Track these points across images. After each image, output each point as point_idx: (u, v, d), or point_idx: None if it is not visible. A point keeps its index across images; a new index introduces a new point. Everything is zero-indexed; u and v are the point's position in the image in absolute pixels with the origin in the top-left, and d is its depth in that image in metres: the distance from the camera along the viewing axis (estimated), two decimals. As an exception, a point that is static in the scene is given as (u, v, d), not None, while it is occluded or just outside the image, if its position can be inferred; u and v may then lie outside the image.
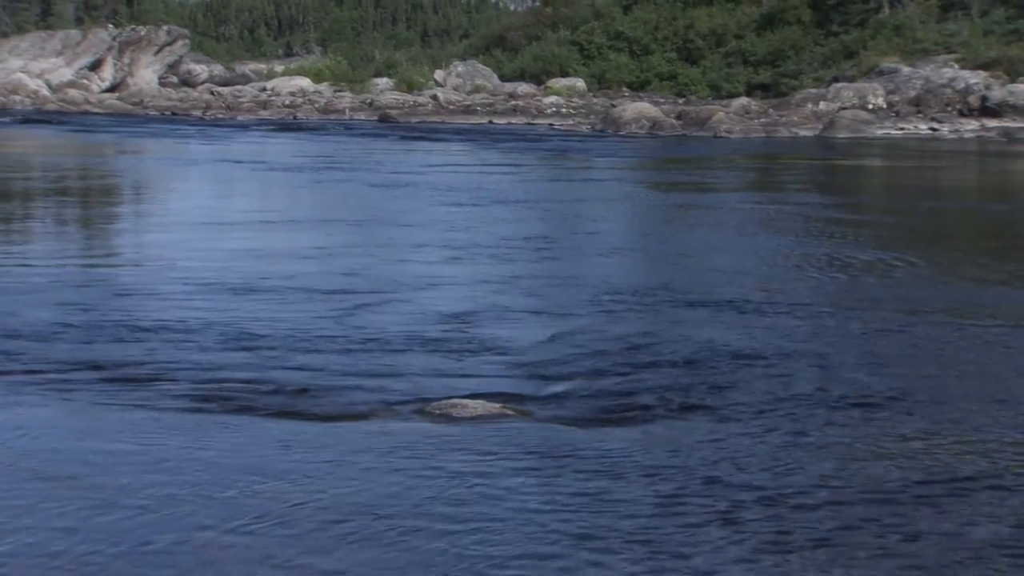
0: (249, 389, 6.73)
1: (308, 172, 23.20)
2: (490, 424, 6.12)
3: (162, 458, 5.52)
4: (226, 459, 5.54)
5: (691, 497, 5.17)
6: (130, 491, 5.08)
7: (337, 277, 11.05)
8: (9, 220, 15.73)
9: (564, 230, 16.07)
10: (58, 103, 51.16)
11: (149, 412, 6.24)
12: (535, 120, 49.15)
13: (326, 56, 79.43)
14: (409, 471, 5.39)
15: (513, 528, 4.76)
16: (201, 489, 5.11)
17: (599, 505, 5.05)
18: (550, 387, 7.05)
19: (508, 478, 5.33)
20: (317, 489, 5.15)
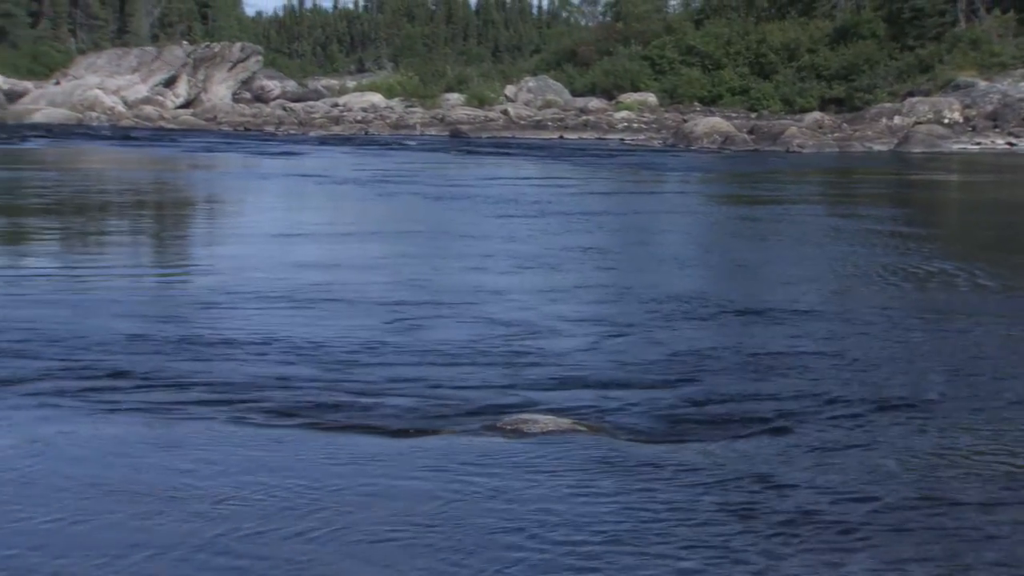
0: (320, 404, 6.69)
1: (378, 186, 23.25)
2: (561, 440, 6.02)
3: (240, 472, 5.50)
4: (301, 473, 5.49)
5: (765, 509, 5.09)
6: (210, 503, 5.07)
7: (405, 289, 11.03)
8: (88, 233, 15.87)
9: (633, 242, 16.00)
10: (133, 119, 51.74)
11: (225, 426, 6.22)
12: (606, 135, 49.07)
13: (397, 72, 79.82)
14: (484, 487, 5.31)
15: (594, 543, 4.68)
16: (281, 502, 5.08)
17: (675, 519, 4.96)
18: (619, 401, 6.96)
19: (582, 494, 5.24)
20: (392, 504, 5.11)
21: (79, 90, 55.11)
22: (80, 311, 9.51)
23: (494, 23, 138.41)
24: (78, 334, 8.45)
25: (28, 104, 54.00)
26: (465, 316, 9.66)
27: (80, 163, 30.73)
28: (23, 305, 9.69)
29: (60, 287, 10.92)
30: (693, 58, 61.35)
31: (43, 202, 19.73)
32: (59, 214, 17.97)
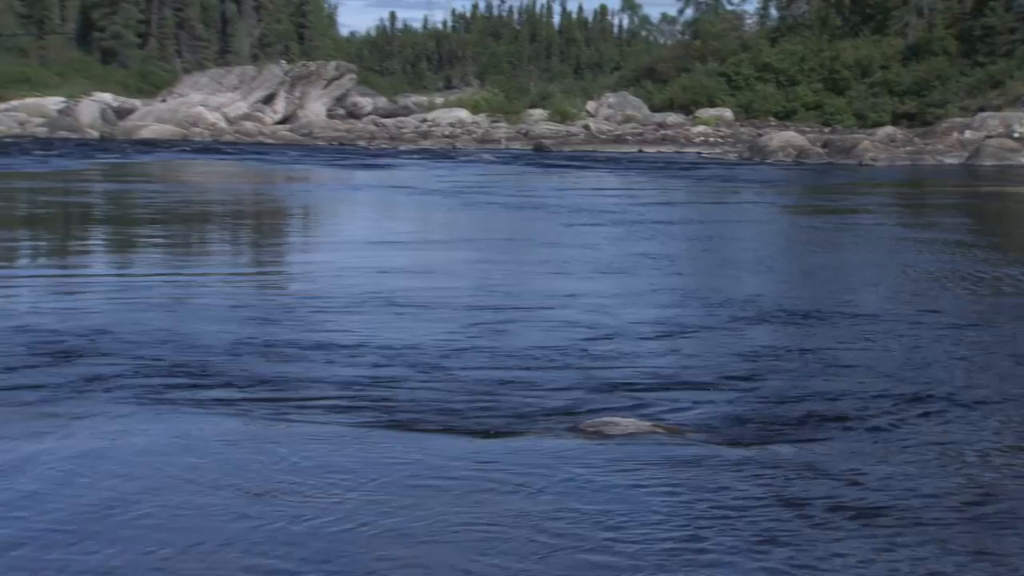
0: (410, 405, 6.72)
1: (463, 196, 23.35)
2: (642, 442, 5.99)
3: (332, 469, 5.54)
4: (392, 472, 5.51)
5: (844, 506, 5.05)
6: (306, 498, 5.12)
7: (488, 294, 11.09)
8: (192, 241, 16.10)
9: (707, 250, 15.95)
10: (234, 134, 52.28)
11: (321, 426, 6.26)
12: (683, 148, 48.88)
13: (483, 89, 79.99)
14: (569, 487, 5.30)
15: (675, 539, 4.68)
16: (371, 499, 5.11)
17: (752, 517, 4.93)
18: (695, 403, 6.94)
19: (663, 494, 5.21)
20: (480, 501, 5.12)
21: (184, 107, 55.79)
22: (185, 315, 9.65)
23: (576, 42, 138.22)
24: (184, 337, 8.57)
25: (136, 121, 54.75)
26: (545, 320, 9.69)
27: (185, 176, 31.16)
28: (135, 309, 9.85)
29: (167, 292, 11.10)
30: (768, 74, 61.00)
31: (150, 212, 20.04)
32: (165, 223, 18.24)
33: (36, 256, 14.46)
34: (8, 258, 13.98)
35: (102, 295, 10.80)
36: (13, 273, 12.75)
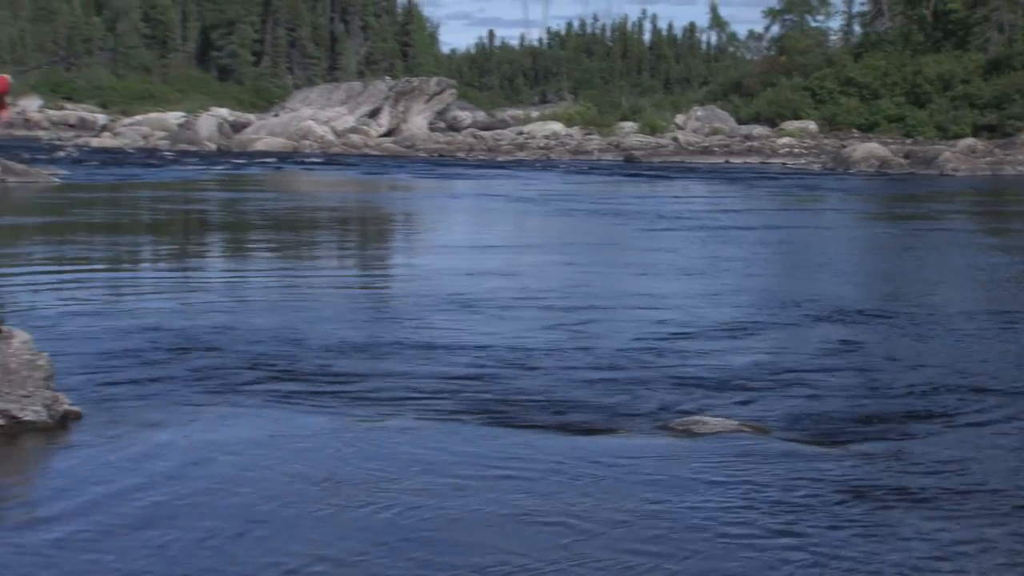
0: (503, 402, 6.75)
1: (556, 204, 23.38)
2: (728, 440, 5.94)
3: (429, 464, 5.57)
4: (489, 467, 5.52)
5: (931, 507, 4.99)
6: (412, 493, 5.14)
7: (579, 295, 11.12)
8: (302, 246, 16.31)
9: (790, 253, 15.84)
10: (341, 147, 52.75)
11: (422, 423, 6.30)
12: (769, 159, 48.47)
13: (577, 103, 79.91)
14: (662, 483, 5.26)
15: (761, 537, 4.63)
16: (471, 495, 5.11)
17: (844, 516, 4.87)
18: (779, 401, 6.90)
19: (751, 491, 5.15)
20: (575, 498, 5.10)
21: (294, 121, 56.43)
22: (295, 315, 9.79)
23: (666, 58, 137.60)
24: (295, 336, 8.71)
25: (250, 134, 55.50)
26: (630, 320, 9.70)
27: (295, 185, 31.55)
28: (249, 310, 10.02)
29: (279, 293, 11.26)
30: (852, 88, 60.34)
31: (263, 219, 20.33)
32: (277, 229, 18.50)
33: (160, 259, 14.76)
34: (135, 260, 14.29)
35: (220, 295, 11.01)
36: (140, 275, 13.03)
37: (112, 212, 21.15)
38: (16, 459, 5.57)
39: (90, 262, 13.70)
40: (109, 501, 4.82)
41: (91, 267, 13.24)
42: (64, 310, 9.59)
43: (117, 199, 23.83)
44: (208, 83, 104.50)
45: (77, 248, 15.04)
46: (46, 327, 8.45)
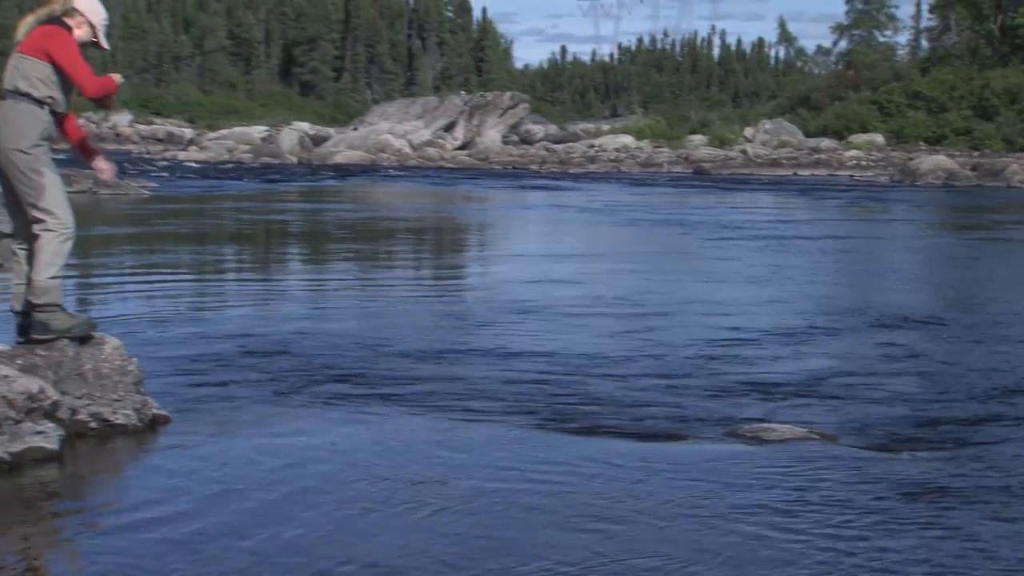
0: (574, 408, 6.73)
1: (626, 214, 23.33)
2: (798, 447, 5.87)
3: (503, 467, 5.58)
4: (561, 472, 5.49)
5: (1013, 517, 4.89)
6: (479, 494, 5.16)
7: (645, 303, 11.07)
8: (378, 254, 16.41)
9: (856, 263, 15.67)
10: (417, 159, 53.07)
11: (495, 427, 6.31)
12: (836, 172, 48.06)
13: (647, 116, 79.75)
14: (732, 488, 5.21)
15: (822, 541, 4.57)
16: (543, 498, 5.09)
17: (915, 524, 4.78)
18: (846, 409, 6.82)
19: (818, 497, 5.09)
20: (646, 502, 5.08)
21: (373, 135, 56.83)
22: (374, 324, 9.85)
23: (734, 72, 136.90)
24: (373, 344, 8.75)
25: (331, 147, 55.97)
26: (700, 327, 9.64)
27: (373, 197, 31.75)
28: (330, 319, 10.09)
29: (357, 302, 11.33)
30: (919, 102, 59.68)
31: (343, 228, 20.48)
32: (355, 239, 18.63)
33: (244, 267, 14.91)
34: (219, 269, 14.46)
35: (301, 302, 11.11)
36: (225, 282, 13.17)
37: (198, 222, 21.42)
38: (110, 461, 5.64)
39: (177, 270, 13.88)
40: (205, 503, 4.87)
41: (178, 275, 13.42)
42: (152, 317, 9.72)
43: (203, 210, 24.14)
44: (290, 98, 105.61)
45: (165, 257, 15.25)
46: (136, 333, 8.57)
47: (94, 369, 5.95)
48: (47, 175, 5.93)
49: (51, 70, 5.90)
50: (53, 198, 5.94)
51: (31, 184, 5.89)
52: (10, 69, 5.92)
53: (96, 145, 6.21)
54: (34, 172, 5.88)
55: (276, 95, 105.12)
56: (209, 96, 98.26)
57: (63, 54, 5.89)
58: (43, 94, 5.90)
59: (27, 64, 5.88)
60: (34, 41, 5.91)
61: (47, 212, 5.92)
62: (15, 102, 5.88)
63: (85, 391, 5.87)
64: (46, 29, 5.93)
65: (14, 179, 5.90)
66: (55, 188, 5.97)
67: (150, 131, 73.62)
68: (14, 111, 5.87)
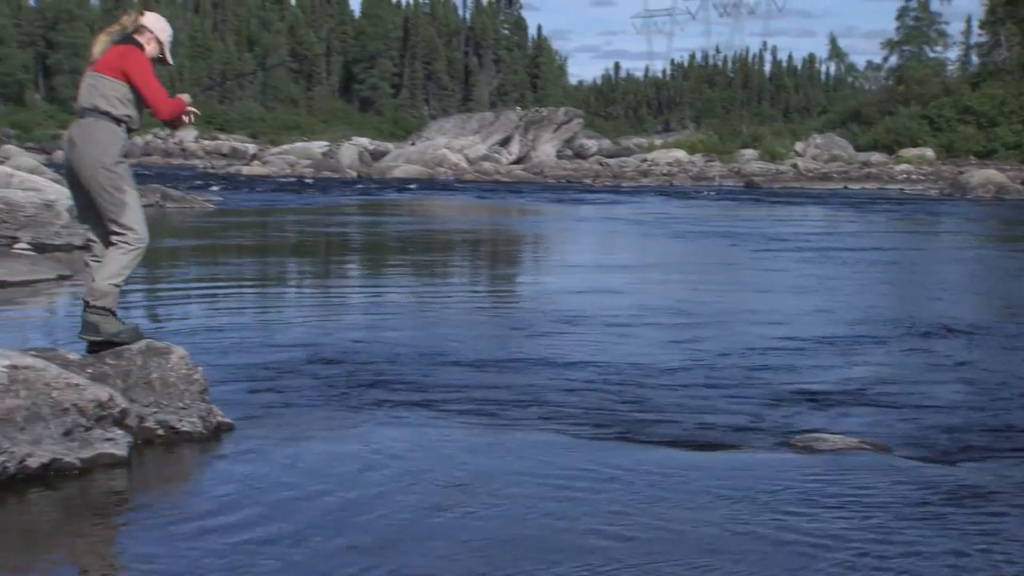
0: (627, 418, 6.71)
1: (677, 227, 23.24)
2: (851, 457, 5.80)
3: (555, 475, 5.57)
4: (611, 480, 5.49)
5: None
6: (533, 500, 5.15)
7: (695, 313, 11.02)
8: (435, 265, 16.46)
9: (905, 274, 15.52)
10: (473, 173, 53.19)
11: (543, 434, 6.30)
12: (886, 185, 47.66)
13: (699, 131, 79.50)
14: (788, 498, 5.17)
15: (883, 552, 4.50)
16: (594, 506, 5.09)
17: (971, 534, 4.72)
18: (900, 419, 6.75)
19: (871, 506, 5.04)
20: (701, 511, 5.05)
21: (430, 149, 57.06)
22: (431, 333, 9.87)
23: (785, 88, 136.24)
24: (430, 352, 8.78)
25: (389, 162, 56.25)
26: (750, 337, 9.57)
27: (431, 210, 31.86)
28: (388, 328, 10.12)
29: (415, 312, 11.37)
30: (969, 117, 59.09)
31: (400, 241, 20.57)
32: (413, 250, 18.69)
33: (305, 278, 15.01)
34: (281, 279, 14.56)
35: (360, 312, 11.16)
36: (287, 293, 13.27)
37: (261, 235, 21.60)
38: (177, 468, 5.69)
39: (241, 281, 14.00)
40: (268, 508, 4.89)
41: (242, 286, 13.53)
42: (217, 326, 9.80)
43: (265, 223, 24.33)
44: (350, 114, 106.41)
45: (229, 268, 15.38)
46: (201, 343, 8.64)
47: (161, 378, 6.01)
48: (128, 192, 6.03)
49: (128, 89, 5.97)
50: (133, 214, 6.03)
51: (113, 201, 5.97)
52: (87, 87, 6.00)
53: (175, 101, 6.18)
54: (117, 189, 5.97)
55: (336, 111, 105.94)
56: (271, 112, 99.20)
57: (138, 73, 5.97)
58: (121, 113, 5.99)
59: (105, 83, 5.96)
60: (111, 60, 5.98)
61: (127, 228, 6.01)
62: (96, 120, 5.96)
63: (152, 399, 5.93)
64: (122, 48, 6.01)
65: (97, 195, 5.98)
66: (135, 204, 6.06)
67: (215, 146, 74.43)
68: (96, 129, 5.96)
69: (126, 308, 10.46)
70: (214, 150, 73.19)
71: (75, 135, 5.99)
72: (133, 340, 6.14)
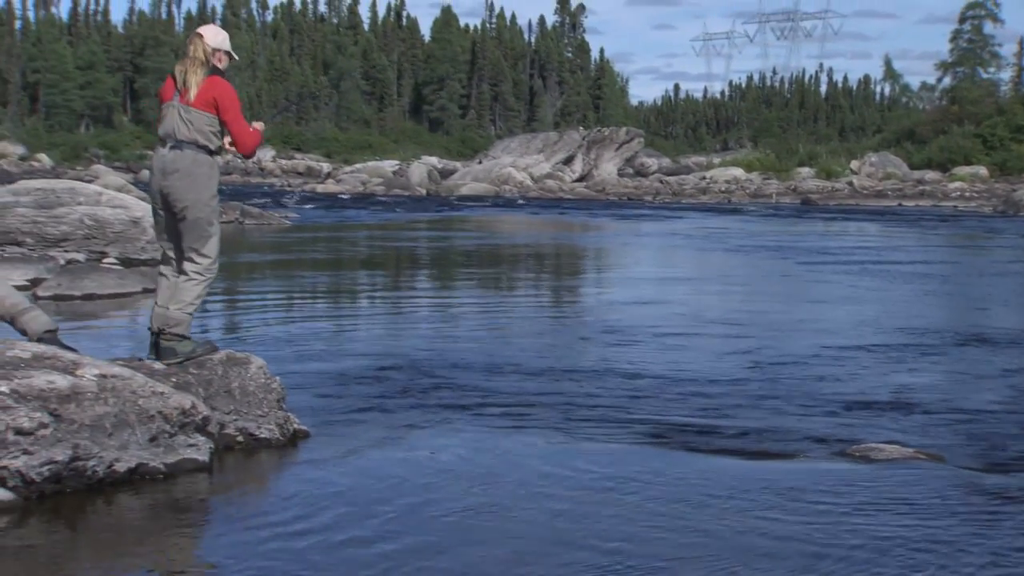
0: (685, 427, 6.67)
1: (734, 240, 23.07)
2: (906, 467, 5.73)
3: (613, 482, 5.56)
4: (677, 488, 5.46)
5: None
6: (593, 506, 5.14)
7: (751, 325, 10.93)
8: (500, 278, 16.47)
9: (957, 287, 15.29)
10: (538, 191, 53.26)
11: (607, 444, 6.29)
12: (940, 202, 47.03)
13: (756, 150, 78.96)
14: (848, 505, 5.11)
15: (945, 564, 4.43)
16: (655, 516, 5.06)
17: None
18: (954, 429, 6.65)
19: (933, 515, 4.97)
20: (767, 524, 5.00)
21: (496, 168, 57.21)
22: (496, 344, 9.88)
23: (841, 108, 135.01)
24: (496, 363, 8.79)
25: (457, 180, 56.51)
26: (805, 347, 9.48)
27: (498, 226, 31.91)
28: (455, 339, 10.14)
29: (480, 323, 11.36)
30: (1022, 135, 58.08)
31: (468, 255, 20.62)
32: (480, 264, 18.73)
33: (376, 291, 15.07)
34: (354, 292, 14.64)
35: (428, 323, 11.19)
36: (359, 305, 13.34)
37: (335, 249, 21.75)
38: (256, 473, 5.73)
39: (315, 294, 14.11)
40: (341, 513, 4.92)
41: (316, 298, 13.64)
42: (293, 337, 9.87)
43: (339, 238, 24.51)
44: (420, 134, 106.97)
45: (304, 281, 15.51)
46: (278, 353, 8.72)
47: (241, 386, 6.07)
48: (216, 226, 6.11)
49: (217, 120, 6.00)
50: (213, 246, 6.11)
51: (202, 232, 6.04)
52: (180, 120, 5.97)
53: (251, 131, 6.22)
54: (208, 223, 6.05)
55: (407, 131, 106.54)
56: (345, 132, 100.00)
57: (229, 106, 5.99)
58: (215, 146, 6.05)
59: (200, 117, 5.97)
60: (202, 93, 5.98)
61: (204, 257, 6.09)
62: (196, 153, 5.98)
63: (232, 407, 5.99)
64: (213, 81, 6.01)
65: (188, 226, 6.02)
66: (217, 238, 6.13)
67: (291, 165, 75.26)
68: (197, 163, 5.98)
69: (209, 319, 10.59)
70: (290, 169, 74.01)
71: (175, 166, 5.96)
72: (209, 354, 6.20)
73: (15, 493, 4.79)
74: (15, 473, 4.79)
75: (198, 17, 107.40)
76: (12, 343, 5.52)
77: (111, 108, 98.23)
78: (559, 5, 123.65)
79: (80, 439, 5.00)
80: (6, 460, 4.76)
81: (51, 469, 4.87)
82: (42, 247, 15.67)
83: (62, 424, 4.97)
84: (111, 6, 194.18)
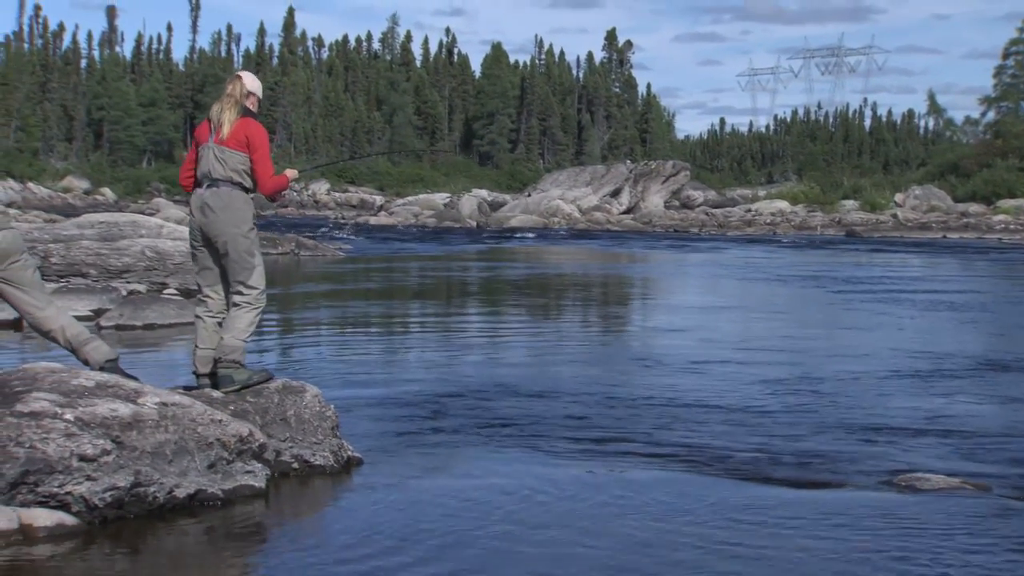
0: (732, 456, 6.62)
1: (779, 271, 22.91)
2: (952, 498, 5.66)
3: (661, 512, 5.54)
4: (717, 516, 5.43)
5: None
6: (641, 533, 5.12)
7: (797, 351, 10.82)
8: (550, 308, 16.45)
9: (1000, 317, 15.08)
10: (586, 223, 53.22)
11: (647, 471, 6.27)
12: (984, 235, 46.46)
13: (801, 182, 78.52)
14: (894, 534, 5.07)
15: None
16: (701, 542, 5.03)
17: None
18: (999, 458, 6.55)
19: (977, 545, 4.91)
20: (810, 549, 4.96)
21: (545, 200, 57.26)
22: (546, 372, 9.88)
23: (885, 141, 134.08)
24: (545, 391, 8.78)
25: (506, 212, 56.60)
26: (849, 375, 9.39)
27: (546, 257, 31.92)
28: (504, 367, 10.15)
29: (529, 353, 11.36)
30: (1068, 168, 57.43)
31: (517, 285, 20.63)
32: (529, 294, 18.73)
33: (428, 320, 15.10)
34: (406, 321, 14.69)
35: (478, 352, 11.19)
36: (411, 334, 13.37)
37: (388, 279, 21.84)
38: (311, 499, 5.74)
39: (369, 323, 14.16)
40: (394, 539, 4.92)
41: (370, 327, 13.69)
42: (347, 366, 9.92)
43: (392, 268, 24.62)
44: (470, 167, 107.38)
45: (357, 311, 15.58)
46: (332, 382, 8.75)
47: (296, 414, 6.09)
48: (257, 256, 6.22)
49: (248, 160, 6.16)
50: (258, 278, 6.21)
51: (245, 264, 6.14)
52: (216, 160, 6.13)
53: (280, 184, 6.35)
54: (249, 254, 6.15)
55: (458, 164, 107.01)
56: (397, 167, 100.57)
57: (259, 146, 6.18)
58: (249, 183, 6.20)
59: (234, 157, 6.14)
60: (236, 134, 6.15)
61: (252, 288, 6.18)
62: (231, 190, 6.14)
63: (288, 435, 6.01)
64: (246, 122, 6.18)
65: (232, 260, 6.13)
66: (261, 268, 6.24)
67: (344, 198, 75.78)
68: (235, 199, 6.14)
69: (265, 347, 10.66)
70: (344, 201, 74.52)
71: (212, 203, 6.11)
72: (264, 381, 6.25)
73: (79, 518, 4.84)
74: (79, 499, 4.83)
75: (256, 55, 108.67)
76: (76, 372, 5.59)
77: (172, 143, 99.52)
78: (607, 42, 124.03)
79: (141, 465, 5.04)
80: (70, 486, 4.81)
81: (113, 495, 4.91)
82: (105, 278, 15.88)
83: (124, 451, 5.01)
84: (173, 44, 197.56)
